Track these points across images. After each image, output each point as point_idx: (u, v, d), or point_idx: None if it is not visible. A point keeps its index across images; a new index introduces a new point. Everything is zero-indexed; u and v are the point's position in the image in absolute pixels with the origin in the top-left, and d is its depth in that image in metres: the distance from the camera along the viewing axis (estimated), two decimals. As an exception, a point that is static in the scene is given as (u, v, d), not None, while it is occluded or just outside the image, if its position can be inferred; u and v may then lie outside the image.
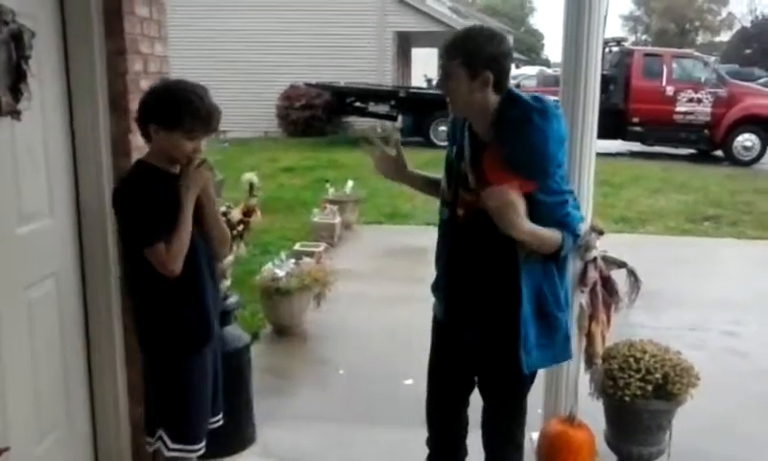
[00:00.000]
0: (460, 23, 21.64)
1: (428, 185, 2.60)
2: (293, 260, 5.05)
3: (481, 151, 2.23)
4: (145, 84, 2.92)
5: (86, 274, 2.81)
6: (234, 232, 3.22)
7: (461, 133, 2.31)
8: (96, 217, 2.76)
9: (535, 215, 2.16)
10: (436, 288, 2.53)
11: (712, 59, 22.02)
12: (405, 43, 22.13)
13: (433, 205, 2.72)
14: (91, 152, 2.75)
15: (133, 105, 2.81)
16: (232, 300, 3.38)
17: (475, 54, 2.14)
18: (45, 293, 2.59)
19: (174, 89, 2.40)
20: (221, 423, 2.61)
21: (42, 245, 2.57)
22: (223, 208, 3.24)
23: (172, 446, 2.39)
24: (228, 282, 3.35)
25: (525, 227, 2.13)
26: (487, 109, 2.18)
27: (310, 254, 5.82)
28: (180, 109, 2.30)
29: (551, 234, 2.19)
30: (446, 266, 2.44)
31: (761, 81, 30.03)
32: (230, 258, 3.26)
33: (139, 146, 2.85)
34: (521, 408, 2.52)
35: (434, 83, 2.65)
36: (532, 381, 2.48)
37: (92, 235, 2.78)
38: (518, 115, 2.14)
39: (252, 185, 3.35)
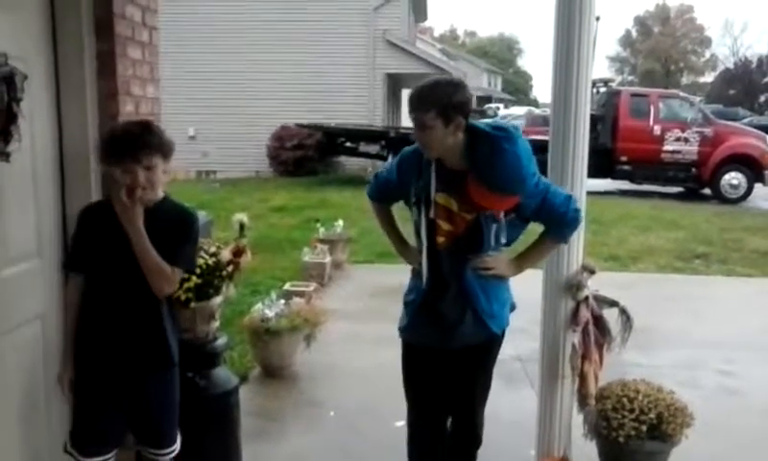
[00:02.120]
0: (450, 65, 22.02)
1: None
2: (283, 300, 5.01)
3: (458, 179, 2.47)
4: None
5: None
6: (224, 273, 3.20)
7: (426, 168, 2.55)
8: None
9: (523, 214, 2.56)
10: (416, 300, 2.75)
11: (698, 99, 22.39)
12: (395, 84, 22.38)
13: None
14: (81, 192, 2.73)
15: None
16: (221, 341, 3.34)
17: (447, 104, 2.40)
18: (31, 335, 2.55)
19: (109, 128, 2.52)
20: (170, 456, 2.56)
21: (29, 286, 2.54)
22: (212, 249, 3.23)
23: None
24: (216, 324, 3.32)
25: (517, 270, 2.68)
26: (457, 146, 2.46)
27: (300, 294, 5.78)
28: (106, 142, 2.38)
29: (543, 248, 2.74)
30: (427, 285, 2.64)
31: (745, 120, 30.56)
32: (219, 299, 3.23)
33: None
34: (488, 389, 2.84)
35: (416, 134, 2.68)
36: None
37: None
38: (490, 146, 2.40)
39: (242, 226, 3.34)
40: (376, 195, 2.93)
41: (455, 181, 2.49)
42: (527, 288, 3.09)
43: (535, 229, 2.72)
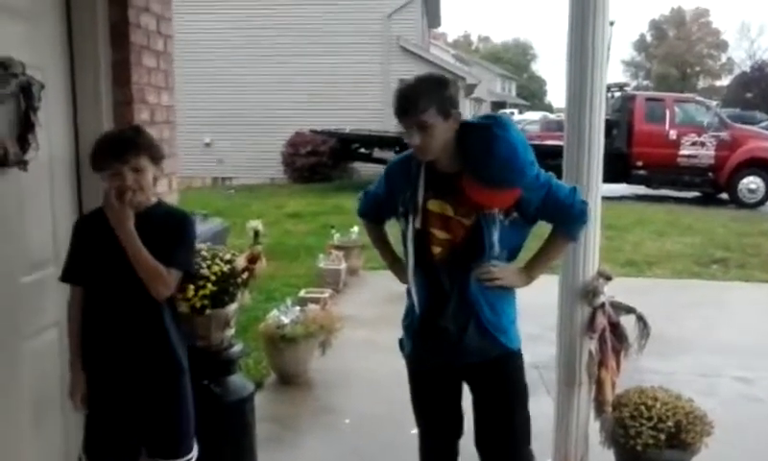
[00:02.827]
0: (464, 70, 21.99)
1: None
2: (298, 307, 5.01)
3: (451, 182, 2.32)
4: (151, 134, 2.94)
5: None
6: (239, 280, 3.20)
7: (415, 173, 2.40)
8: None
9: (526, 211, 2.35)
10: (413, 325, 2.54)
11: (714, 103, 22.24)
12: (409, 90, 22.35)
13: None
14: (97, 200, 2.74)
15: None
16: (236, 348, 3.34)
17: (444, 98, 2.26)
18: (48, 342, 2.56)
19: (98, 137, 2.49)
20: None
21: (46, 293, 2.56)
22: (228, 256, 3.24)
23: None
24: (231, 331, 3.32)
25: (528, 279, 2.46)
26: (451, 144, 2.30)
27: (316, 301, 5.78)
28: (96, 147, 2.36)
29: (552, 249, 2.51)
30: (425, 303, 2.45)
31: (763, 124, 30.23)
32: (234, 306, 3.23)
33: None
34: (525, 416, 2.51)
35: (413, 139, 2.55)
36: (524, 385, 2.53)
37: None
38: (482, 136, 2.25)
39: (256, 233, 3.34)
40: (366, 212, 2.79)
41: (449, 185, 2.33)
42: (543, 293, 3.07)
43: (542, 234, 2.58)
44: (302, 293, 6.29)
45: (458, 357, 2.45)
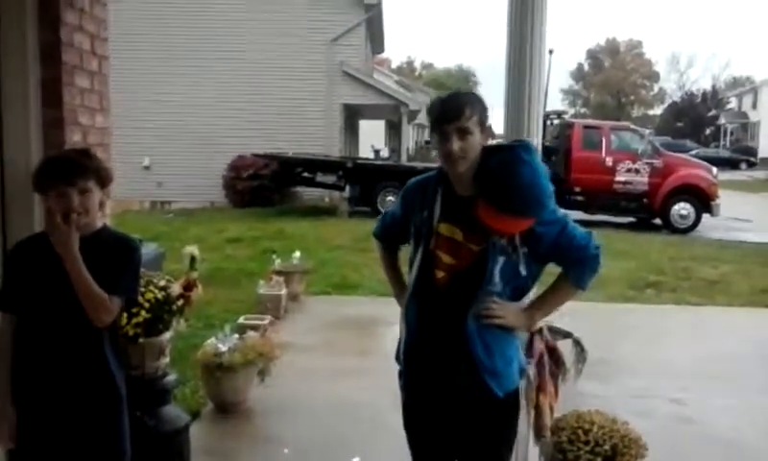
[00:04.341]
0: (407, 96, 22.24)
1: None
2: (237, 335, 4.91)
3: (466, 206, 2.25)
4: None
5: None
6: (174, 307, 3.12)
7: (432, 196, 2.34)
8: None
9: (538, 248, 2.26)
10: (404, 355, 2.46)
11: (647, 131, 23.04)
12: (352, 115, 22.51)
13: (380, 274, 2.72)
14: (23, 224, 2.65)
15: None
16: (170, 377, 3.25)
17: (483, 109, 2.26)
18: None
19: (44, 157, 2.49)
20: None
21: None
22: (162, 282, 3.15)
23: None
24: (166, 360, 3.23)
25: (529, 321, 2.43)
26: (475, 162, 2.25)
27: (255, 328, 5.68)
28: (42, 166, 2.35)
29: (558, 294, 2.41)
30: (417, 327, 2.38)
31: (693, 152, 31.57)
32: (169, 334, 3.15)
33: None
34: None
35: (452, 146, 2.41)
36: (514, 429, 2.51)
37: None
38: (507, 157, 2.22)
39: (193, 258, 3.27)
40: (382, 234, 2.68)
41: (462, 210, 2.26)
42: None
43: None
44: (242, 319, 6.17)
45: (445, 394, 2.36)
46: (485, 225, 2.21)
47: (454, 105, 2.23)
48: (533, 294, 2.46)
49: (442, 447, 2.48)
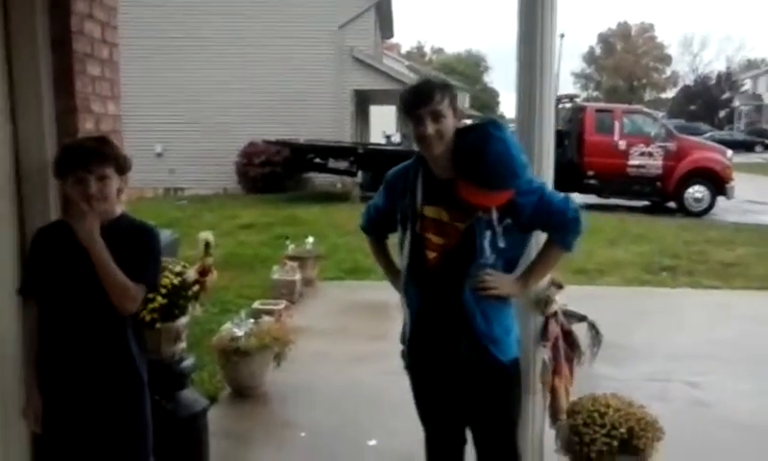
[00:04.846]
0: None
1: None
2: (252, 319, 4.93)
3: (447, 188, 2.36)
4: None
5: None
6: (189, 293, 3.13)
7: (412, 181, 2.45)
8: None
9: (519, 217, 2.37)
10: (407, 334, 2.58)
11: (660, 114, 22.82)
12: (363, 101, 22.44)
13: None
14: (39, 211, 2.65)
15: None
16: (187, 362, 3.27)
17: (453, 94, 2.38)
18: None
19: (63, 144, 2.50)
20: None
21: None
22: (178, 268, 3.16)
23: None
24: (183, 345, 3.25)
25: (522, 288, 2.52)
26: (450, 145, 2.36)
27: (270, 313, 5.70)
28: (57, 156, 2.37)
29: (547, 258, 2.53)
30: (418, 307, 2.49)
31: (707, 135, 31.26)
32: (185, 320, 3.17)
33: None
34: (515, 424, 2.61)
35: (426, 129, 2.50)
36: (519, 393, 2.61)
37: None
38: (477, 135, 2.34)
39: (207, 244, 3.27)
40: (368, 226, 2.79)
41: (444, 191, 2.38)
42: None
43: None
44: (257, 304, 6.20)
45: (451, 367, 2.47)
46: (467, 202, 2.33)
47: (426, 90, 2.36)
48: (524, 262, 2.57)
49: (453, 418, 2.61)
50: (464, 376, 2.47)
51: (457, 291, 2.38)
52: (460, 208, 2.35)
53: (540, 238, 2.63)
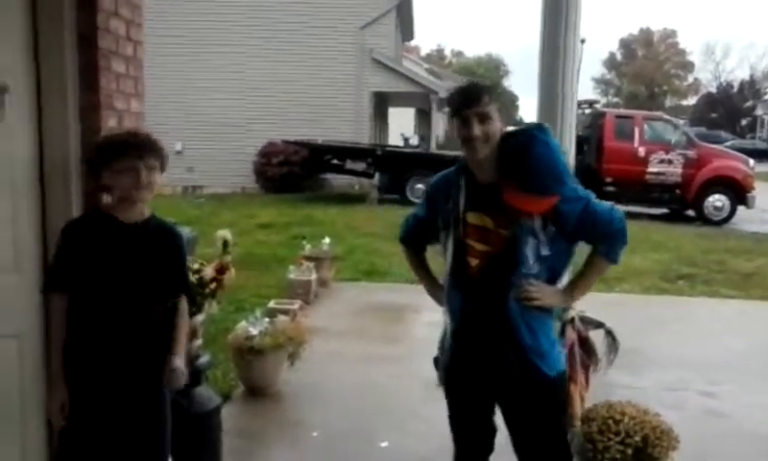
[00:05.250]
0: (437, 84, 22.11)
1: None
2: (267, 318, 4.95)
3: (490, 193, 2.33)
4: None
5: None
6: (207, 290, 3.16)
7: (455, 187, 2.42)
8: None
9: (564, 226, 2.32)
10: (448, 342, 2.55)
11: (681, 121, 22.61)
12: (382, 102, 22.46)
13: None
14: (62, 207, 2.68)
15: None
16: (203, 359, 3.30)
17: (500, 99, 2.43)
18: (4, 355, 2.48)
19: (112, 134, 2.54)
20: None
21: (4, 303, 2.48)
22: (196, 266, 3.19)
23: None
24: (199, 342, 3.27)
25: (567, 299, 2.47)
26: (494, 150, 2.33)
27: (285, 312, 5.73)
28: (119, 141, 2.38)
29: (591, 270, 2.46)
30: (461, 316, 2.46)
31: (728, 143, 30.94)
32: (202, 317, 3.19)
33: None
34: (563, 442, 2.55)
35: (473, 131, 2.46)
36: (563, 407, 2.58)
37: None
38: (522, 139, 2.33)
39: (225, 242, 3.30)
40: (407, 237, 2.75)
41: (488, 197, 2.34)
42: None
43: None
44: (272, 304, 6.23)
45: (494, 378, 2.44)
46: (511, 207, 2.29)
47: (473, 91, 2.34)
48: (569, 274, 2.53)
49: (484, 430, 2.59)
50: (509, 390, 2.45)
51: (501, 301, 2.34)
52: (503, 213, 2.31)
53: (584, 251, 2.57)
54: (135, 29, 3.13)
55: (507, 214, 2.31)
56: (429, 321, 6.82)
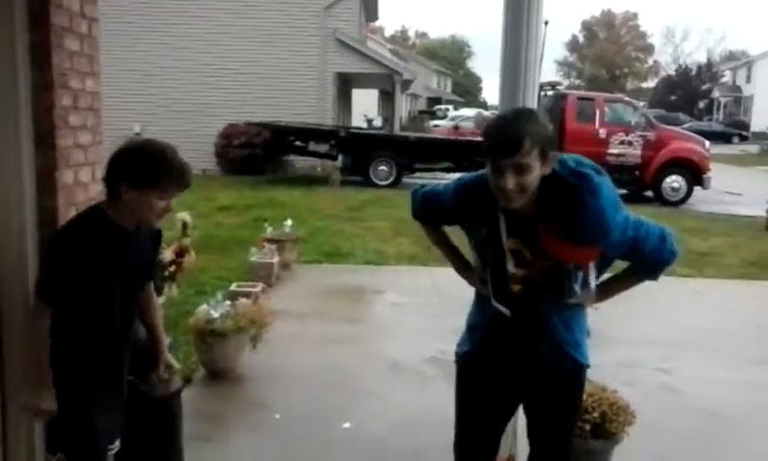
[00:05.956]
0: (400, 66, 22.08)
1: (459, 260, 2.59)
2: (228, 301, 4.92)
3: (528, 227, 2.15)
4: (74, 120, 2.83)
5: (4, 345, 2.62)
6: (166, 273, 3.12)
7: (491, 213, 2.20)
8: (15, 273, 2.58)
9: (609, 260, 2.25)
10: (481, 331, 2.44)
11: (641, 104, 22.98)
12: (346, 84, 22.34)
13: (372, 244, 2.74)
14: (14, 190, 2.61)
15: (62, 141, 2.72)
16: (163, 343, 3.25)
17: (545, 137, 2.04)
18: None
19: (146, 148, 2.35)
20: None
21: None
22: (154, 248, 3.15)
23: None
24: (158, 325, 3.22)
25: (599, 298, 2.36)
26: (534, 194, 2.08)
27: (247, 295, 5.69)
28: (155, 167, 2.25)
29: (629, 283, 2.45)
30: (497, 334, 2.36)
31: (686, 125, 31.56)
32: (161, 300, 3.15)
33: (66, 184, 2.74)
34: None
35: (505, 183, 1.91)
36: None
37: (11, 295, 2.59)
38: (571, 199, 2.05)
39: (185, 225, 3.27)
40: (423, 216, 2.57)
41: (525, 228, 2.15)
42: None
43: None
44: (234, 287, 6.19)
45: (526, 371, 2.37)
46: (549, 253, 2.13)
47: (513, 136, 1.99)
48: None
49: (495, 429, 2.53)
50: (539, 378, 2.36)
51: (535, 305, 2.26)
52: (542, 252, 2.15)
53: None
54: (90, 5, 3.04)
55: (546, 254, 2.15)
56: (391, 301, 6.89)
